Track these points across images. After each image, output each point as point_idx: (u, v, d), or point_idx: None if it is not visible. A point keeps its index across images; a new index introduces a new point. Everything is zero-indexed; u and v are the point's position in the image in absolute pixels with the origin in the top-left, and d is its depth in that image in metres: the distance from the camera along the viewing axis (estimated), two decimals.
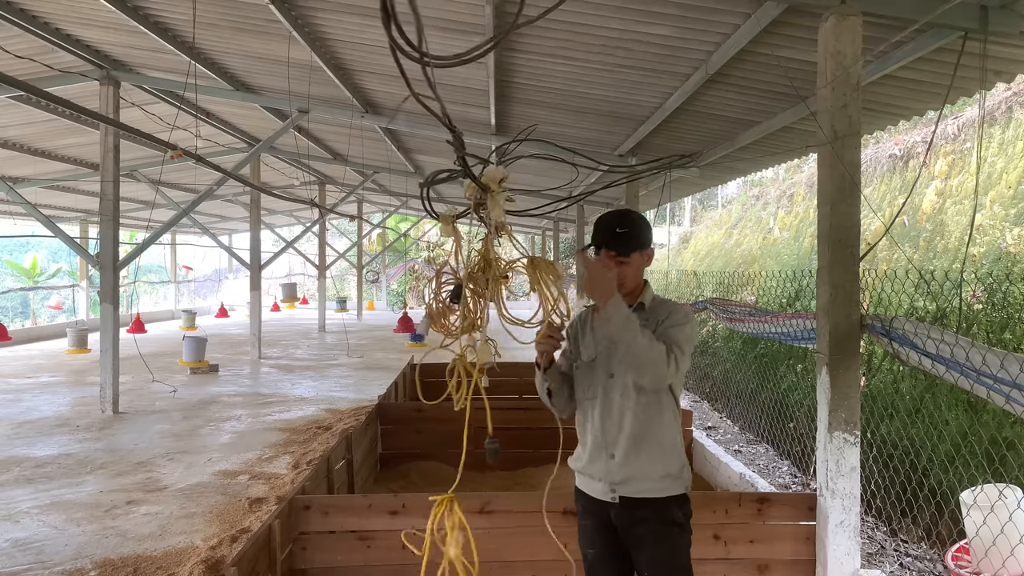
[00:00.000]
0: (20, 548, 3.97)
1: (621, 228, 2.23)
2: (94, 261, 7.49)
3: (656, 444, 2.23)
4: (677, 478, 2.26)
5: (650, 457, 2.23)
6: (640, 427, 2.23)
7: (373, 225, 23.54)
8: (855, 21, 3.12)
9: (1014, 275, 5.67)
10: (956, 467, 4.60)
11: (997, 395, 2.47)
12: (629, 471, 2.23)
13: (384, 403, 5.85)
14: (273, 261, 14.59)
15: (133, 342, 9.88)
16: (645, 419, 2.24)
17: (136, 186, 13.88)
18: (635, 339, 2.03)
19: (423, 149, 11.87)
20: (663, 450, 2.24)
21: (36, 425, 7.05)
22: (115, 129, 7.39)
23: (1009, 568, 3.00)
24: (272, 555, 2.93)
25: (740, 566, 3.29)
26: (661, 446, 2.24)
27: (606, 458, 2.26)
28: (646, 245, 2.30)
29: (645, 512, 2.23)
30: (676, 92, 5.76)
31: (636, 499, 2.23)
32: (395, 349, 13.21)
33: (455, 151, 1.51)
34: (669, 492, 2.24)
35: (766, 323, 4.57)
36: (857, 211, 3.15)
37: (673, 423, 2.28)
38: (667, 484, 2.24)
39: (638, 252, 2.27)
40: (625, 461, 2.23)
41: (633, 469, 2.23)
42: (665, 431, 2.25)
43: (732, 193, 23.83)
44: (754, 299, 9.19)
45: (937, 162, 9.57)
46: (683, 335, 2.20)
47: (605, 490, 2.27)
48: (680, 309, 2.30)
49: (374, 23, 5.62)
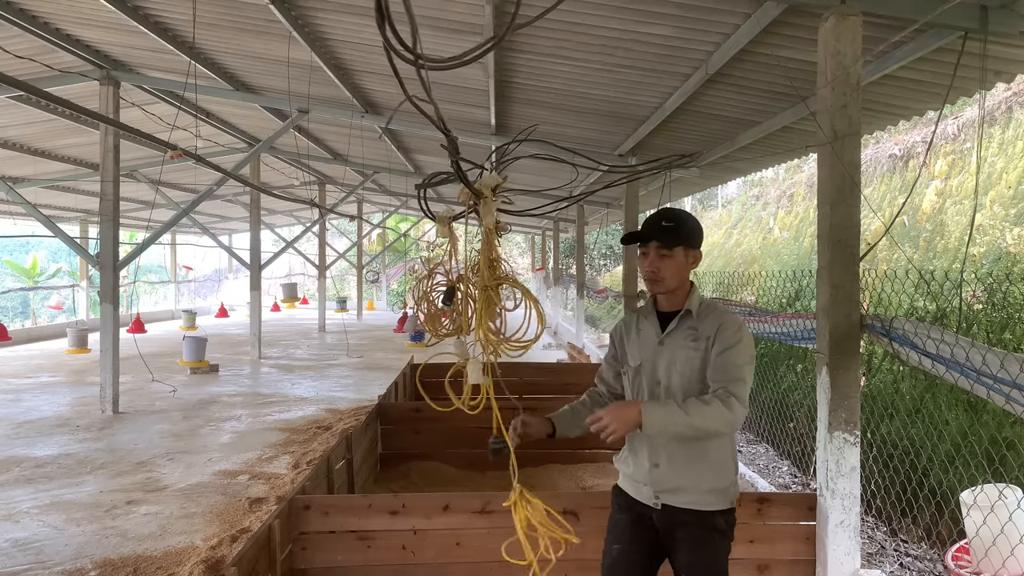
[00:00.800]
0: (20, 548, 3.97)
1: (668, 222, 2.20)
2: (94, 261, 7.49)
3: (703, 458, 2.18)
4: (723, 493, 2.21)
5: (698, 470, 2.19)
6: (689, 442, 2.17)
7: (373, 225, 23.55)
8: (855, 21, 3.12)
9: (1014, 275, 5.67)
10: (956, 467, 4.60)
11: (997, 395, 2.47)
12: (676, 482, 2.20)
13: (384, 403, 5.84)
14: (273, 261, 14.59)
15: (133, 342, 9.88)
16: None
17: (136, 186, 13.88)
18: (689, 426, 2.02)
19: (423, 149, 11.88)
20: (711, 464, 2.19)
21: (36, 425, 7.05)
22: (115, 129, 7.39)
23: (1009, 568, 3.00)
24: (272, 555, 2.93)
25: (740, 566, 3.29)
26: (708, 460, 2.19)
27: (650, 466, 2.23)
28: (693, 245, 2.24)
29: (687, 517, 2.20)
30: (676, 92, 5.76)
31: (681, 508, 2.21)
32: (395, 349, 13.21)
33: (449, 156, 1.51)
34: (713, 507, 2.20)
35: (766, 323, 4.57)
36: (857, 211, 3.15)
37: (723, 439, 2.21)
38: (712, 498, 2.20)
39: (683, 248, 2.20)
40: (671, 471, 2.20)
41: (680, 480, 2.19)
42: (714, 444, 2.19)
43: (732, 193, 23.83)
44: (754, 299, 9.18)
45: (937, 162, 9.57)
46: (739, 359, 2.13)
47: (649, 495, 2.25)
48: (731, 322, 2.20)
49: (373, 23, 5.61)
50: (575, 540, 1.98)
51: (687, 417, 2.01)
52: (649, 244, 2.21)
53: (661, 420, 2.01)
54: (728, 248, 16.88)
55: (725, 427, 2.07)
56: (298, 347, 13.95)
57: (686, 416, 2.01)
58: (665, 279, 2.21)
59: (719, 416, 2.04)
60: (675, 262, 2.20)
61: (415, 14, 1.13)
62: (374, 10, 1.06)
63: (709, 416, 2.03)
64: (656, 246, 2.19)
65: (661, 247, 2.18)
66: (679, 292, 2.26)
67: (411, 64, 1.17)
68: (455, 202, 14.28)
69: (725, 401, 2.05)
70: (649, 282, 2.25)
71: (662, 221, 2.20)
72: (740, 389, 2.08)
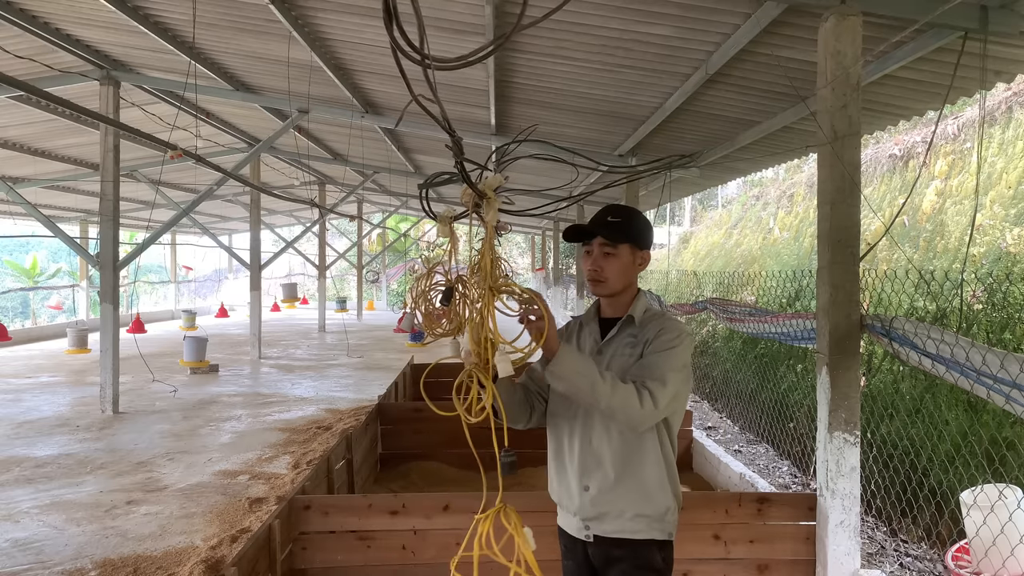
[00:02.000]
0: (20, 548, 3.97)
1: (614, 217, 2.01)
2: (94, 261, 7.49)
3: (637, 480, 1.95)
4: (657, 521, 1.98)
5: (627, 494, 1.95)
6: (620, 460, 1.96)
7: (373, 225, 23.55)
8: (855, 21, 3.12)
9: (1014, 275, 5.68)
10: (956, 467, 4.60)
11: (997, 395, 2.47)
12: (603, 507, 1.97)
13: (384, 403, 5.85)
14: (273, 261, 14.59)
15: (133, 342, 9.88)
16: (625, 452, 1.96)
17: (136, 186, 13.88)
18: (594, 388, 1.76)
19: (423, 149, 11.88)
20: (644, 489, 1.95)
21: (36, 425, 7.05)
22: (115, 129, 7.39)
23: (1009, 568, 3.00)
24: (272, 555, 2.93)
25: (740, 566, 3.29)
26: (642, 484, 1.95)
27: (580, 490, 2.00)
28: (641, 245, 2.04)
29: (620, 552, 1.97)
30: (676, 92, 5.76)
31: (610, 538, 1.98)
32: (395, 349, 13.21)
33: (453, 156, 1.50)
34: (645, 535, 1.97)
35: (766, 323, 4.57)
36: (857, 211, 3.15)
37: (658, 459, 1.97)
38: (642, 526, 1.97)
39: (628, 245, 2.00)
40: (599, 496, 1.97)
41: (607, 505, 1.96)
42: (649, 467, 1.96)
43: (732, 193, 23.84)
44: (754, 299, 9.18)
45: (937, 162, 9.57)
46: (667, 362, 1.89)
47: (579, 527, 2.03)
48: (671, 328, 1.98)
49: (374, 23, 5.63)
50: None
51: (599, 378, 1.77)
52: (593, 240, 2.02)
53: (573, 364, 1.76)
54: (728, 248, 16.88)
55: (625, 415, 1.82)
56: (298, 347, 13.95)
57: (599, 377, 1.77)
58: (608, 279, 2.01)
59: (626, 400, 1.79)
60: (620, 261, 2.00)
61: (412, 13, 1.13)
62: (382, 11, 1.06)
63: (619, 393, 1.78)
64: (600, 243, 2.00)
65: (605, 244, 1.99)
66: (624, 296, 2.06)
67: (418, 64, 1.17)
68: (455, 202, 14.29)
69: (639, 391, 1.81)
70: (591, 283, 2.04)
71: (608, 216, 2.02)
72: (658, 390, 1.83)
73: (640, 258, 2.05)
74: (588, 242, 2.04)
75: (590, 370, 1.78)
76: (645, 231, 2.05)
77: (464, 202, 1.70)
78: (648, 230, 2.07)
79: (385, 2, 1.05)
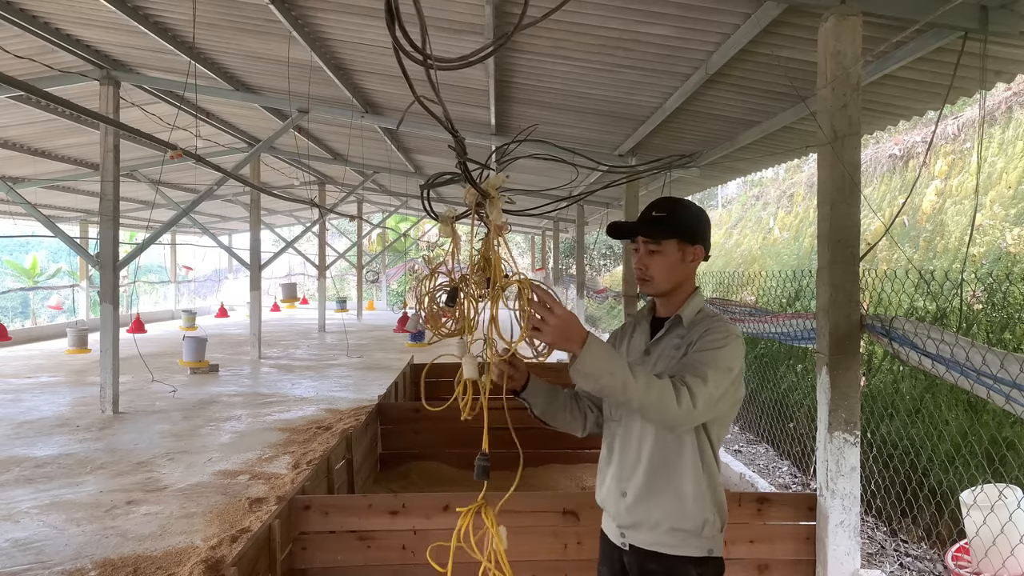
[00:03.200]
0: (20, 548, 3.97)
1: (658, 212, 1.88)
2: (94, 261, 7.50)
3: (672, 490, 1.83)
4: (693, 536, 1.83)
5: (662, 504, 1.83)
6: (655, 466, 1.84)
7: (373, 225, 23.55)
8: (855, 21, 3.12)
9: (1014, 275, 5.68)
10: (956, 467, 4.60)
11: (997, 395, 2.47)
12: (637, 516, 1.86)
13: (384, 403, 5.85)
14: (273, 261, 14.59)
15: (133, 342, 9.88)
16: (661, 459, 1.84)
17: (136, 186, 13.88)
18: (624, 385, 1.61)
19: (423, 149, 11.88)
20: (680, 500, 1.82)
21: (36, 425, 7.05)
22: (115, 129, 7.39)
23: (1009, 568, 3.00)
24: (272, 555, 2.93)
25: (740, 566, 3.29)
26: (678, 494, 1.82)
27: (619, 495, 1.90)
28: (691, 239, 1.87)
29: (654, 566, 1.85)
30: (676, 92, 5.76)
31: (646, 551, 1.87)
32: (395, 349, 13.21)
33: (456, 156, 1.50)
34: (680, 551, 1.83)
35: (766, 323, 4.57)
36: (857, 211, 3.15)
37: (696, 470, 1.83)
38: (678, 540, 1.83)
39: (676, 241, 1.85)
40: (636, 503, 1.86)
41: (641, 514, 1.85)
42: (686, 476, 1.82)
43: (732, 193, 23.83)
44: (754, 299, 9.18)
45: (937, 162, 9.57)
46: (712, 360, 1.74)
47: (617, 533, 1.93)
48: (718, 328, 1.82)
49: (374, 23, 5.63)
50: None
51: (630, 376, 1.61)
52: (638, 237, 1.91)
53: (601, 360, 1.60)
54: (728, 248, 16.88)
55: (659, 415, 1.68)
56: (298, 347, 13.95)
57: (630, 375, 1.61)
58: (655, 278, 1.88)
59: (662, 399, 1.65)
60: (666, 259, 1.86)
61: (414, 13, 1.13)
62: (384, 11, 1.05)
63: (653, 392, 1.64)
64: (643, 241, 1.89)
65: (648, 241, 1.87)
66: (677, 295, 1.92)
67: (420, 65, 1.16)
68: (455, 202, 14.30)
69: (677, 388, 1.66)
70: (639, 282, 1.93)
71: (652, 211, 1.90)
72: (698, 388, 1.67)
73: (691, 254, 1.88)
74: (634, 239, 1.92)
75: (620, 368, 1.62)
76: (695, 224, 1.89)
77: (467, 202, 1.70)
78: (699, 222, 1.90)
79: (387, 2, 1.05)
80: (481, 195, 1.64)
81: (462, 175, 1.58)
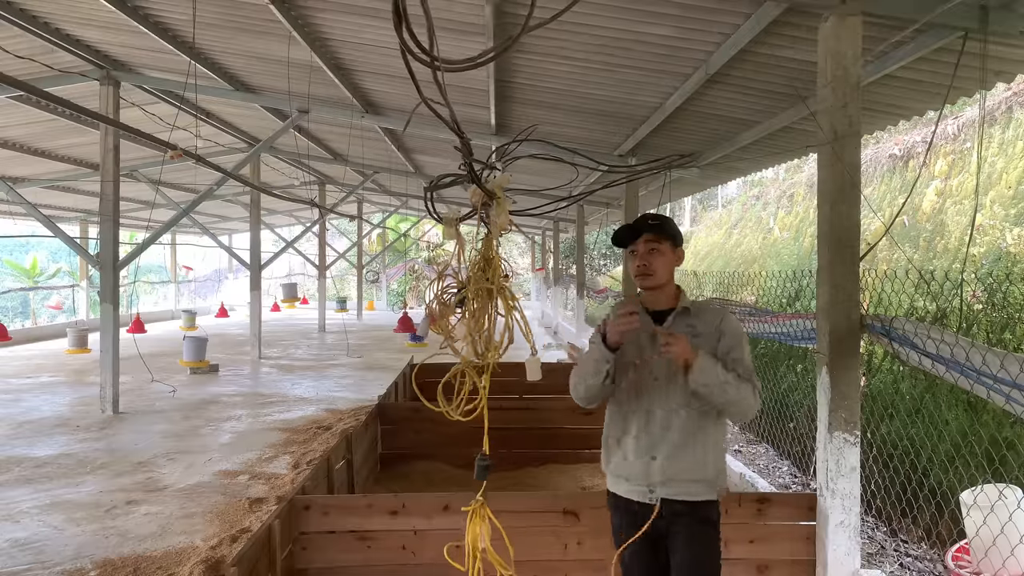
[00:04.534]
0: (20, 548, 3.97)
1: (653, 220, 2.35)
2: (94, 261, 7.50)
3: (700, 448, 2.29)
4: (712, 484, 2.33)
5: (692, 461, 2.29)
6: (686, 432, 2.28)
7: (373, 225, 23.54)
8: (855, 21, 3.12)
9: (1014, 275, 5.68)
10: (956, 467, 4.60)
11: (997, 395, 2.47)
12: (670, 473, 2.28)
13: (384, 403, 5.84)
14: (273, 261, 14.59)
15: (133, 342, 9.87)
16: (692, 425, 2.29)
17: (136, 186, 13.88)
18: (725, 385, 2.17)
19: (423, 149, 11.88)
20: (705, 454, 2.30)
21: (36, 425, 7.05)
22: (115, 129, 7.39)
23: (1009, 568, 3.00)
24: (272, 555, 2.93)
25: (740, 566, 3.29)
26: (705, 449, 2.30)
27: (647, 460, 2.30)
28: (678, 244, 2.38)
29: (683, 508, 2.29)
30: (676, 92, 5.75)
31: (675, 500, 2.29)
32: (395, 349, 13.21)
33: (463, 157, 1.51)
34: (704, 496, 2.31)
35: (766, 323, 4.57)
36: (857, 211, 3.15)
37: (717, 428, 2.34)
38: (702, 489, 2.31)
39: (669, 243, 2.34)
40: (667, 464, 2.28)
41: (674, 471, 2.28)
42: (709, 436, 2.31)
43: (732, 193, 23.82)
44: (754, 299, 9.18)
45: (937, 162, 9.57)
46: (748, 356, 2.30)
47: (643, 492, 2.32)
48: (731, 322, 2.36)
49: (374, 23, 5.62)
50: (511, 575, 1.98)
51: (731, 381, 2.18)
52: (639, 240, 2.33)
53: (710, 367, 2.16)
54: (728, 248, 16.89)
55: (741, 408, 2.25)
56: (298, 347, 13.95)
57: (728, 376, 2.18)
58: (656, 272, 2.31)
59: (748, 397, 2.22)
60: (664, 256, 2.32)
61: (419, 15, 1.13)
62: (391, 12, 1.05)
63: (743, 390, 2.21)
64: (647, 239, 2.31)
65: (651, 240, 2.31)
66: (667, 290, 2.37)
67: (427, 66, 1.16)
68: (456, 202, 14.29)
69: (755, 388, 2.26)
70: (640, 276, 2.34)
71: (649, 219, 2.36)
72: (757, 383, 2.28)
73: (679, 255, 2.38)
74: (632, 244, 2.35)
75: (725, 375, 2.19)
76: (677, 232, 2.42)
77: (473, 202, 1.70)
78: (679, 232, 2.43)
79: (395, 4, 1.05)
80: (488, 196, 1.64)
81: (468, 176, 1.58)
